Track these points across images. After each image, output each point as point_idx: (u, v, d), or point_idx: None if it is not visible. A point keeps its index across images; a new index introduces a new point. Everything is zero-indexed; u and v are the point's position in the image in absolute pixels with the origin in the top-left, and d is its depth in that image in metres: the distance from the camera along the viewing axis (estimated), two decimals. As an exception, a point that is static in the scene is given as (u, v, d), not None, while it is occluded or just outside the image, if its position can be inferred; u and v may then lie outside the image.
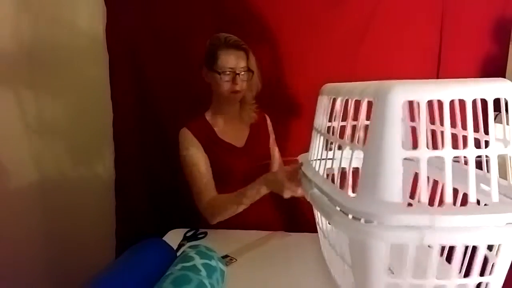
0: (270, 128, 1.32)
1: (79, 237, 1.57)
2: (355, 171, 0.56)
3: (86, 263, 1.21)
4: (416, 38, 1.38)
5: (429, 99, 0.49)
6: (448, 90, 0.50)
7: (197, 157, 1.15)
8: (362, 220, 0.51)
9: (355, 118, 0.59)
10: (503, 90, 0.51)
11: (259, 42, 1.40)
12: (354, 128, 0.59)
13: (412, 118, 0.74)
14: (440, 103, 0.49)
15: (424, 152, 0.49)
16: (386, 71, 1.37)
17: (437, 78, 1.39)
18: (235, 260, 0.92)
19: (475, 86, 0.51)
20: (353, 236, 0.53)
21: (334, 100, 0.67)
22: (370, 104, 0.54)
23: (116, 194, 1.53)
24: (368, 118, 0.54)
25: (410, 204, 0.75)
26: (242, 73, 1.13)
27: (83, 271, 0.90)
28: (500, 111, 0.54)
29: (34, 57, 1.45)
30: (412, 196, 0.69)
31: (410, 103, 0.62)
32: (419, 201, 0.50)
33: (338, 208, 0.55)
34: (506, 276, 0.53)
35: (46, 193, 1.53)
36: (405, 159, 0.49)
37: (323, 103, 0.74)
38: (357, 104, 0.58)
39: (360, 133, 0.57)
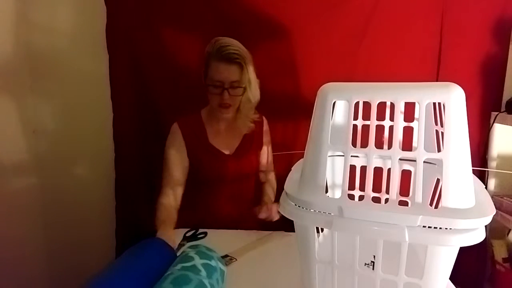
0: (265, 127, 1.29)
1: (79, 237, 1.57)
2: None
3: (86, 263, 1.21)
4: (416, 38, 1.38)
5: (357, 100, 0.53)
6: (376, 93, 0.52)
7: (174, 159, 1.14)
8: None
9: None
10: (438, 95, 0.51)
11: (259, 43, 1.40)
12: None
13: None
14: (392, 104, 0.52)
15: (349, 149, 0.53)
16: (386, 71, 1.38)
17: (437, 78, 1.39)
18: (235, 260, 0.92)
19: (405, 90, 0.53)
20: (289, 217, 0.59)
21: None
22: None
23: (116, 194, 1.53)
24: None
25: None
26: (232, 88, 1.07)
27: (83, 271, 0.90)
28: (500, 111, 0.54)
29: (34, 57, 1.45)
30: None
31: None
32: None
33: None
34: (506, 275, 0.53)
35: (46, 193, 1.53)
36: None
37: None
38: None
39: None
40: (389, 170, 0.57)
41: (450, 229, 0.47)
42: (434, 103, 0.62)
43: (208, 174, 1.16)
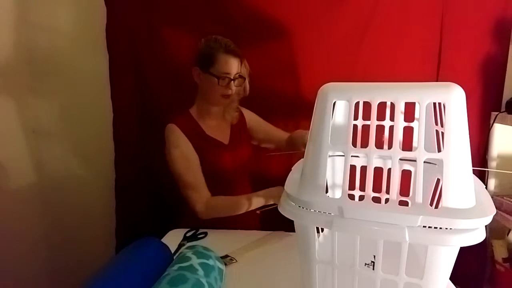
0: (249, 115, 1.31)
1: (79, 237, 1.57)
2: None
3: (86, 263, 1.21)
4: (416, 38, 1.38)
5: (357, 100, 0.53)
6: (376, 93, 0.52)
7: (189, 154, 1.15)
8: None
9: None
10: (438, 95, 0.50)
11: (259, 43, 1.40)
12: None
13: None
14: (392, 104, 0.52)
15: (349, 149, 0.53)
16: (386, 71, 1.38)
17: (437, 78, 1.39)
18: (235, 260, 0.92)
19: (406, 90, 0.52)
20: (289, 217, 0.58)
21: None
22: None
23: (116, 194, 1.53)
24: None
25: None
26: (236, 79, 1.15)
27: (83, 271, 0.90)
28: (500, 111, 0.54)
29: (35, 57, 1.45)
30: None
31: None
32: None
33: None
34: (506, 275, 0.53)
35: (46, 193, 1.53)
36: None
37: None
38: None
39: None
40: (389, 170, 0.57)
41: (450, 229, 0.47)
42: (434, 103, 0.62)
43: (210, 167, 1.17)
